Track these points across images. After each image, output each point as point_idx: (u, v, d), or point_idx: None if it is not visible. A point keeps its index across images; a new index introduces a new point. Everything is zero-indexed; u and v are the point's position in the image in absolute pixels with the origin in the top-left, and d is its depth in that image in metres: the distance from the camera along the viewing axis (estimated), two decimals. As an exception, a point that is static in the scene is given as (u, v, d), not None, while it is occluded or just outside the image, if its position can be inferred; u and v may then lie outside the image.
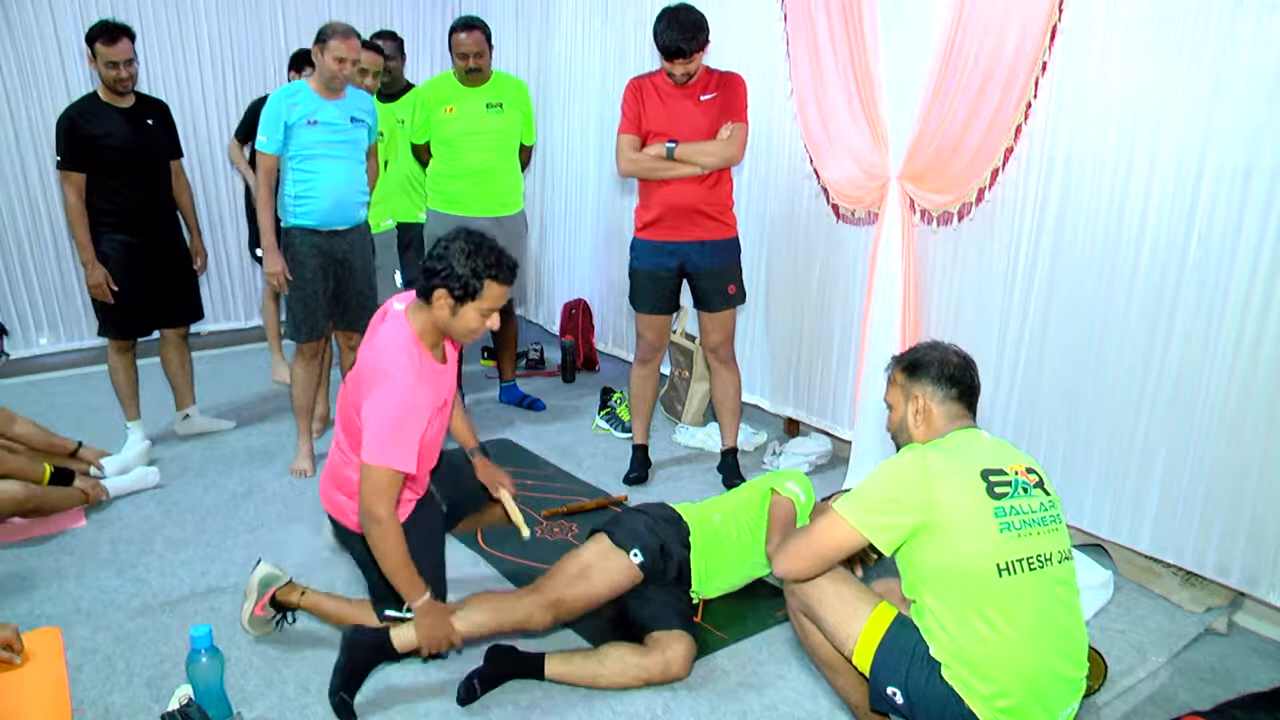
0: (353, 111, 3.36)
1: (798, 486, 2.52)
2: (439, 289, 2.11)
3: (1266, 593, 2.46)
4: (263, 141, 3.28)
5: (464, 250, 2.09)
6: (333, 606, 2.42)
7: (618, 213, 4.52)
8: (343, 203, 3.39)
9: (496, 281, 2.12)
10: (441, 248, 2.13)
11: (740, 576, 2.59)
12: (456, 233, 2.16)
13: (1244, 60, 2.31)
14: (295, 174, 3.31)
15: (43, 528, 3.03)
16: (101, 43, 3.30)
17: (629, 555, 2.36)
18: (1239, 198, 2.36)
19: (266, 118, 3.26)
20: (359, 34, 3.30)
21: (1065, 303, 2.78)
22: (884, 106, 3.04)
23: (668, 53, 2.99)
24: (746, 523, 2.55)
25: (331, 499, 2.39)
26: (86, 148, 3.35)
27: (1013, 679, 1.71)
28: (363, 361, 2.21)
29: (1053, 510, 1.81)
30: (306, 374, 3.51)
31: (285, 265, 3.36)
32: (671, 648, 2.26)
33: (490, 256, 2.11)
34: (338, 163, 3.34)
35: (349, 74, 3.28)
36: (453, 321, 2.15)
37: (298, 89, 3.29)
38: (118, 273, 3.46)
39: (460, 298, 2.11)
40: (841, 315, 3.54)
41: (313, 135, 3.27)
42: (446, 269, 2.09)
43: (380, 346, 2.17)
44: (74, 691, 2.24)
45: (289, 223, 3.37)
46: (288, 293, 3.42)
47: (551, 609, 2.28)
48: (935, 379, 1.94)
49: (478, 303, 2.12)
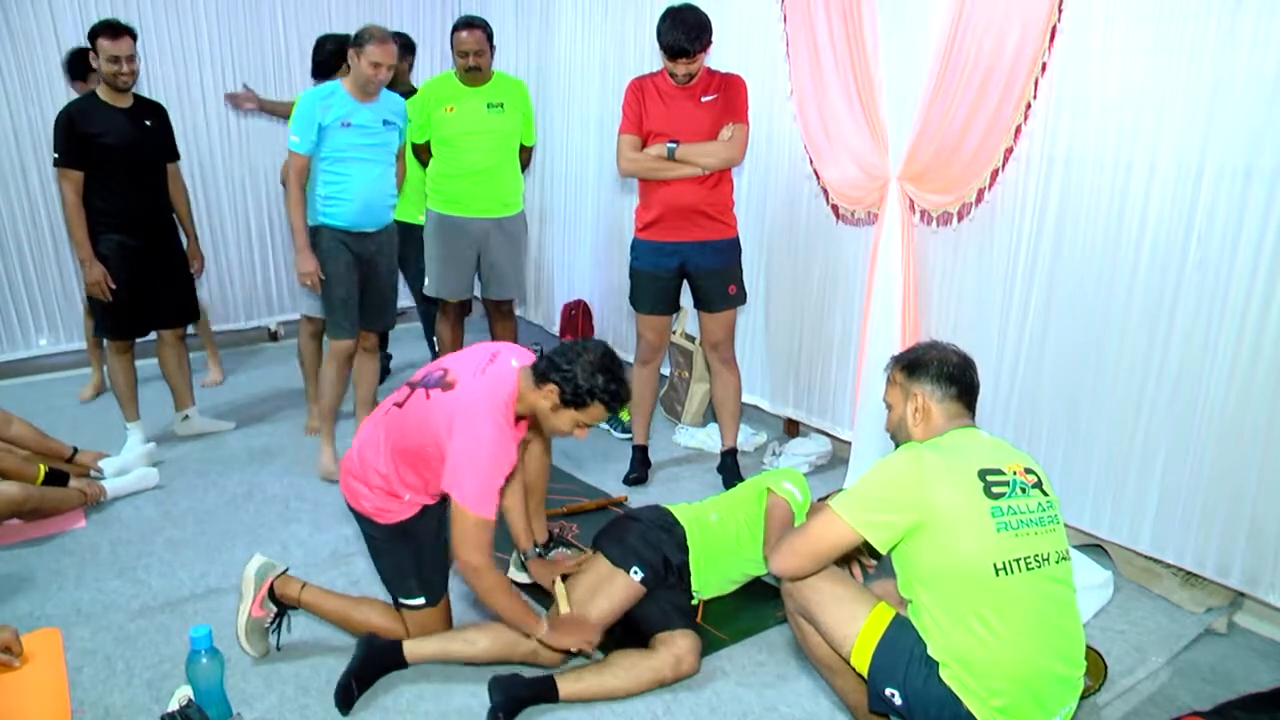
0: (385, 114, 3.37)
1: (794, 486, 2.52)
2: (553, 384, 2.14)
3: (1266, 593, 2.46)
4: (295, 142, 3.28)
5: (593, 365, 2.13)
6: (335, 604, 2.41)
7: (618, 213, 4.52)
8: (372, 205, 3.39)
9: (605, 407, 2.17)
10: (578, 350, 2.15)
11: (739, 575, 2.59)
12: (598, 344, 2.19)
13: (1244, 60, 2.31)
14: (326, 175, 3.31)
15: (42, 529, 3.03)
16: (105, 38, 3.33)
17: (629, 574, 2.36)
18: (1239, 198, 2.36)
19: (299, 118, 3.25)
20: (393, 39, 3.29)
21: (1065, 303, 2.77)
22: (884, 107, 3.04)
23: (671, 52, 2.99)
24: (744, 520, 2.55)
25: (351, 488, 2.35)
26: (85, 146, 3.35)
27: (1009, 678, 1.71)
28: (460, 392, 2.16)
29: (1051, 510, 1.81)
30: (338, 375, 3.50)
31: (317, 265, 3.35)
32: (679, 645, 2.27)
33: (612, 384, 2.15)
34: (369, 165, 3.35)
35: (384, 79, 3.27)
36: (550, 416, 2.19)
37: (332, 90, 3.28)
38: (115, 273, 3.46)
39: (567, 402, 2.15)
40: (841, 315, 3.54)
41: (346, 138, 3.28)
42: (570, 372, 2.12)
43: (482, 390, 2.16)
44: (74, 692, 2.24)
45: (317, 222, 3.37)
46: (320, 293, 3.41)
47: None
48: (935, 378, 1.94)
49: (578, 414, 2.17)
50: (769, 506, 2.49)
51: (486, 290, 4.02)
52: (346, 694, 2.17)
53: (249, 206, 5.23)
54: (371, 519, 2.30)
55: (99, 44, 3.33)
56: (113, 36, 3.34)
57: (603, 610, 2.33)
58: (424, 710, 2.19)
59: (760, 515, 2.53)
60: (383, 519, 2.29)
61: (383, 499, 2.27)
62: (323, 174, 3.32)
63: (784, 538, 1.97)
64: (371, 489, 2.28)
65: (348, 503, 2.37)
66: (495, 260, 3.91)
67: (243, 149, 5.13)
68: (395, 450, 2.24)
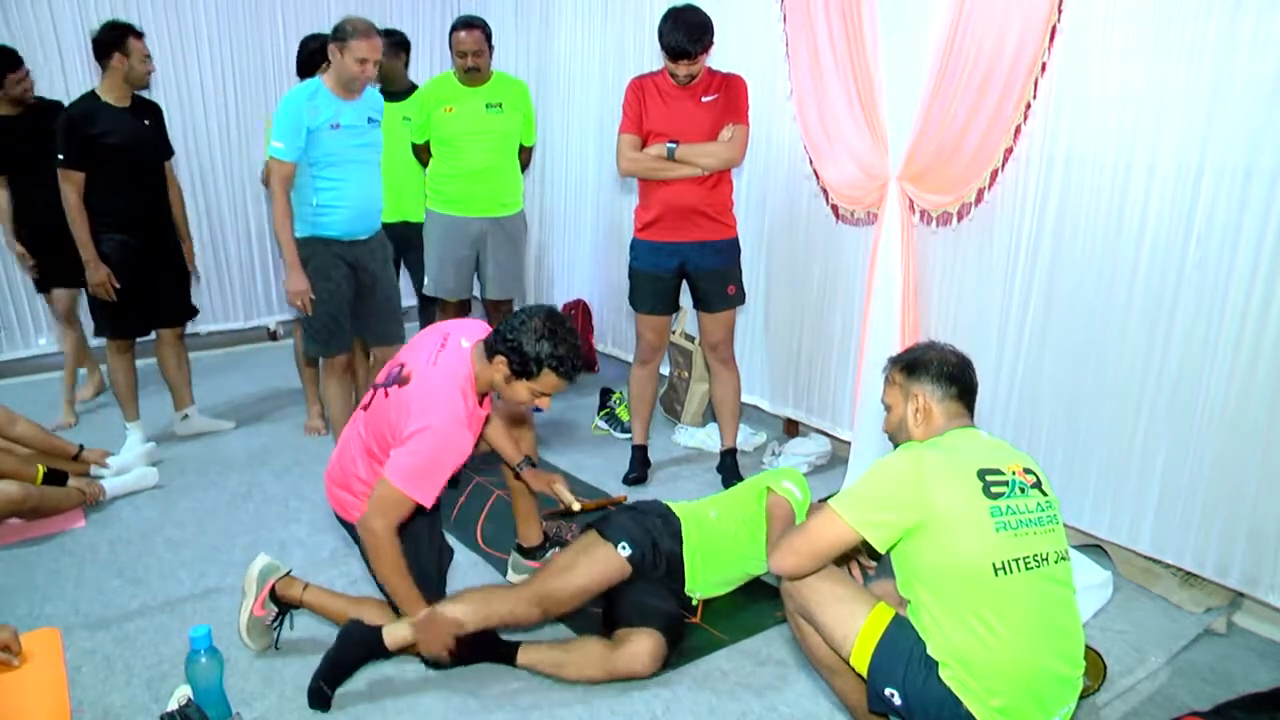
0: (369, 112, 3.25)
1: (794, 485, 2.52)
2: (500, 355, 2.13)
3: (1266, 593, 2.46)
4: (279, 149, 3.07)
5: (538, 332, 2.10)
6: (337, 604, 2.40)
7: (617, 213, 4.52)
8: (367, 210, 3.29)
9: (556, 374, 2.13)
10: (522, 318, 2.13)
11: (737, 573, 2.60)
12: (542, 309, 2.16)
13: (1244, 60, 2.31)
14: (319, 182, 3.16)
15: (42, 528, 3.03)
16: (135, 37, 3.37)
17: (616, 548, 2.37)
18: (1239, 198, 2.36)
19: (282, 122, 3.07)
20: (380, 31, 3.13)
21: (1065, 303, 2.77)
22: (883, 107, 3.04)
23: (673, 54, 2.98)
24: (742, 518, 2.55)
25: (338, 498, 2.37)
26: (88, 147, 3.35)
27: (1009, 678, 1.71)
28: (415, 385, 2.15)
29: (1050, 511, 1.81)
30: (341, 388, 3.40)
31: (309, 284, 3.20)
32: (639, 643, 2.26)
33: (561, 349, 2.11)
34: (362, 167, 3.22)
35: (371, 76, 3.10)
36: (504, 388, 2.18)
37: (315, 90, 3.10)
38: (118, 272, 3.46)
39: (517, 373, 2.13)
40: (841, 315, 3.53)
41: (337, 140, 3.13)
42: (515, 341, 2.10)
43: (436, 380, 2.14)
44: (73, 692, 2.24)
45: (309, 234, 3.21)
46: (310, 313, 3.25)
47: (539, 602, 2.28)
48: (934, 377, 1.94)
49: (531, 384, 2.15)
50: (769, 505, 2.49)
51: (486, 290, 4.02)
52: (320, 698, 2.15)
53: (248, 206, 5.23)
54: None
55: (130, 44, 3.34)
56: (139, 35, 3.38)
57: (581, 579, 2.32)
58: (424, 709, 2.19)
59: (759, 514, 2.53)
60: None
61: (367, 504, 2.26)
62: (315, 180, 3.14)
63: (783, 537, 1.97)
64: (356, 496, 2.27)
65: (337, 514, 2.37)
66: (495, 260, 3.91)
67: (242, 149, 5.12)
68: (369, 454, 2.23)
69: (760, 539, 2.49)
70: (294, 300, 3.24)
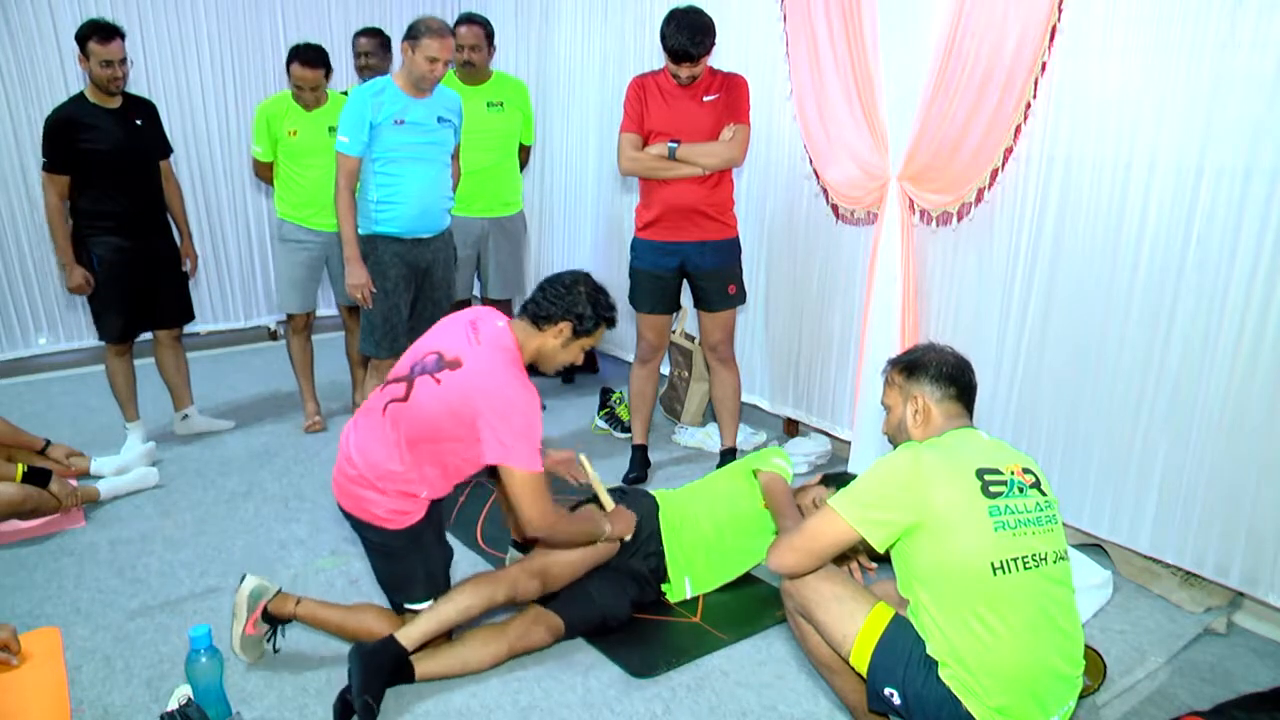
0: (440, 111, 3.22)
1: (782, 460, 2.67)
2: (563, 322, 2.28)
3: (1266, 593, 2.46)
4: (344, 143, 3.10)
5: (589, 294, 2.31)
6: (333, 615, 2.38)
7: (617, 212, 4.52)
8: (429, 209, 3.26)
9: (607, 327, 2.37)
10: (565, 285, 2.30)
11: (721, 555, 2.66)
12: (577, 276, 2.34)
13: (1244, 60, 2.31)
14: (379, 178, 3.16)
15: (42, 528, 3.03)
16: (96, 41, 3.21)
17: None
18: (1239, 198, 2.36)
19: (349, 117, 3.09)
20: (452, 31, 3.13)
21: (1065, 303, 2.78)
22: (883, 107, 3.04)
23: (675, 56, 2.98)
24: (724, 492, 2.70)
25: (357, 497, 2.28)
26: (72, 151, 3.29)
27: (1008, 677, 1.72)
28: (471, 366, 2.17)
29: (1049, 510, 1.82)
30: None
31: (369, 277, 3.20)
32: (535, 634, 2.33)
33: (609, 303, 2.36)
34: (424, 166, 3.19)
35: (440, 75, 3.10)
36: (560, 351, 2.33)
37: (383, 86, 3.11)
38: (113, 276, 3.43)
39: (578, 333, 2.31)
40: (841, 315, 3.54)
41: (399, 136, 3.12)
42: (575, 306, 2.28)
43: (493, 356, 2.20)
44: (73, 692, 2.24)
45: (371, 231, 3.21)
46: (370, 307, 3.25)
47: (539, 574, 2.37)
48: (934, 378, 1.95)
49: (585, 340, 2.34)
50: (765, 484, 2.57)
51: (486, 289, 4.02)
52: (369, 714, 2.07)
53: (248, 205, 5.23)
54: (382, 527, 2.27)
55: (90, 47, 3.21)
56: (104, 39, 3.21)
57: (578, 553, 2.43)
58: (423, 710, 2.19)
59: (747, 491, 2.65)
60: (395, 525, 2.26)
61: (397, 501, 2.25)
62: (375, 176, 3.16)
63: (782, 536, 1.98)
64: (384, 494, 2.25)
65: (350, 514, 2.32)
66: (495, 259, 3.91)
67: (242, 149, 5.11)
68: (410, 443, 2.22)
69: (745, 511, 2.65)
70: (354, 293, 3.24)
